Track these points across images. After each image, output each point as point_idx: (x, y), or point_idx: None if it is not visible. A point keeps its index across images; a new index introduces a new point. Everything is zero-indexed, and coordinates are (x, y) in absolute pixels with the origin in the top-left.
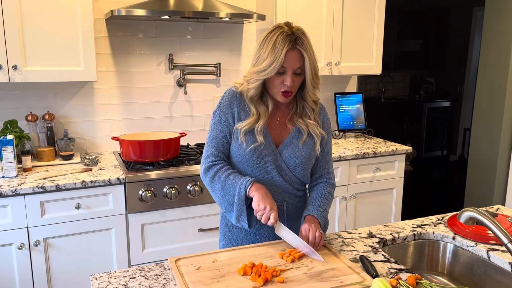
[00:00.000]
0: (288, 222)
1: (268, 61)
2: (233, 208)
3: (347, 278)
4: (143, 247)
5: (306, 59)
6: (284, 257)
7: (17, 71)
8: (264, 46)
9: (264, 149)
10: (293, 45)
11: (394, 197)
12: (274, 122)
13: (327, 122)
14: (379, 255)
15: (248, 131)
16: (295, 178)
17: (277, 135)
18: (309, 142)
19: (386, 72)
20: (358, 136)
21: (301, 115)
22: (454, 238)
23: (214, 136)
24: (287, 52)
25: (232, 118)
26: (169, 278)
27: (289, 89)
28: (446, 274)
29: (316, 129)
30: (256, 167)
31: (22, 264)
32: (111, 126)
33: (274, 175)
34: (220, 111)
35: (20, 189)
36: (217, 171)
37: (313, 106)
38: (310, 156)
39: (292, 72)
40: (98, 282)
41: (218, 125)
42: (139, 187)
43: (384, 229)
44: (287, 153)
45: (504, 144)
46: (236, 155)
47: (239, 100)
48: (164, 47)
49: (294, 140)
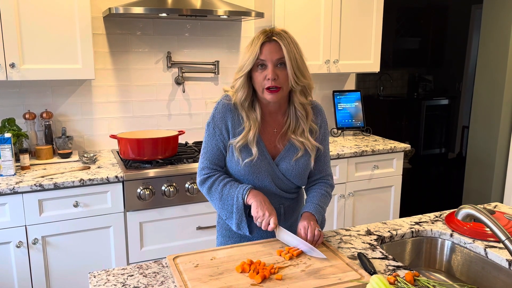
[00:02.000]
0: (285, 222)
1: (247, 56)
2: (233, 216)
3: (345, 275)
4: (142, 245)
5: (284, 50)
6: (282, 254)
7: (15, 69)
8: (246, 48)
9: (260, 162)
10: (269, 37)
11: (392, 194)
12: (271, 132)
13: (324, 125)
14: (377, 252)
15: (242, 146)
16: (292, 185)
17: (273, 147)
18: (305, 157)
19: (384, 70)
20: (356, 134)
21: (295, 130)
22: (452, 235)
23: (208, 148)
24: (263, 44)
25: (226, 131)
26: (167, 276)
27: (273, 84)
28: (444, 271)
29: (310, 144)
30: (252, 180)
31: (21, 262)
32: (109, 124)
33: (271, 186)
34: (214, 124)
35: (18, 187)
36: (213, 182)
37: (303, 111)
38: (307, 167)
39: (272, 64)
40: (97, 279)
41: (212, 138)
42: (137, 185)
43: (382, 226)
44: (285, 166)
45: (502, 141)
46: (232, 168)
47: (233, 113)
48: (162, 45)
49: (290, 153)
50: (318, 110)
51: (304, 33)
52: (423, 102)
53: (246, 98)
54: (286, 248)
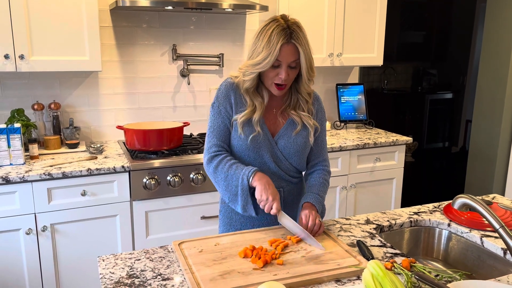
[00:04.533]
0: (285, 207)
1: (263, 54)
2: (237, 199)
3: (344, 261)
4: (147, 233)
5: (301, 53)
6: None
7: (24, 60)
8: (259, 39)
9: (261, 139)
10: (288, 39)
11: (394, 187)
12: (270, 113)
13: (321, 111)
14: (376, 240)
15: (245, 122)
16: (291, 167)
17: (272, 125)
18: (303, 133)
19: (388, 64)
20: (359, 127)
21: (295, 107)
22: (449, 225)
23: (215, 127)
24: (282, 46)
25: (231, 108)
26: (172, 260)
27: (284, 82)
28: (441, 259)
29: (310, 120)
30: (253, 156)
31: (30, 249)
32: (115, 115)
33: (271, 164)
34: (218, 103)
35: (28, 176)
36: (220, 161)
37: (307, 98)
38: (305, 145)
39: (286, 65)
40: (105, 263)
41: (218, 117)
42: (143, 175)
43: (382, 216)
44: (283, 143)
45: (504, 135)
46: (234, 145)
47: (235, 91)
48: (168, 38)
49: (289, 130)
50: (316, 98)
51: (308, 26)
52: (427, 96)
53: (253, 87)
54: (288, 237)
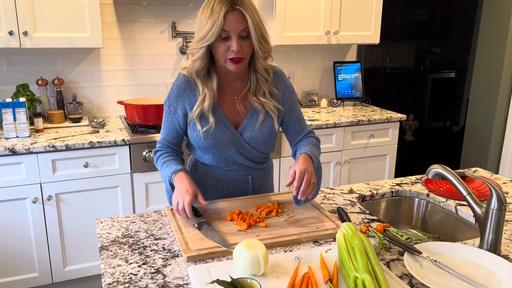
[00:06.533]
0: (253, 192)
1: (208, 26)
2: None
3: (323, 225)
4: (147, 204)
5: (249, 20)
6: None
7: (28, 37)
8: (203, 12)
9: (222, 133)
10: (232, 5)
11: (387, 163)
12: (231, 101)
13: (287, 87)
14: (356, 208)
15: (200, 116)
16: (259, 154)
17: (234, 116)
18: (268, 121)
19: (391, 42)
20: (356, 105)
21: (255, 91)
22: (428, 195)
23: (165, 125)
24: (227, 14)
25: (182, 111)
26: (165, 223)
27: (237, 55)
28: (420, 227)
29: (271, 105)
30: (217, 152)
31: (36, 217)
32: (117, 91)
33: (237, 157)
34: (169, 102)
35: (33, 148)
36: (158, 158)
37: (266, 75)
38: (271, 133)
39: (237, 35)
40: (103, 225)
41: (168, 115)
42: (143, 148)
43: (365, 186)
44: (249, 134)
45: (500, 114)
46: (195, 143)
47: (189, 87)
48: (167, 15)
49: (253, 120)
50: (278, 75)
51: (305, 3)
52: (430, 75)
53: (204, 67)
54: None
